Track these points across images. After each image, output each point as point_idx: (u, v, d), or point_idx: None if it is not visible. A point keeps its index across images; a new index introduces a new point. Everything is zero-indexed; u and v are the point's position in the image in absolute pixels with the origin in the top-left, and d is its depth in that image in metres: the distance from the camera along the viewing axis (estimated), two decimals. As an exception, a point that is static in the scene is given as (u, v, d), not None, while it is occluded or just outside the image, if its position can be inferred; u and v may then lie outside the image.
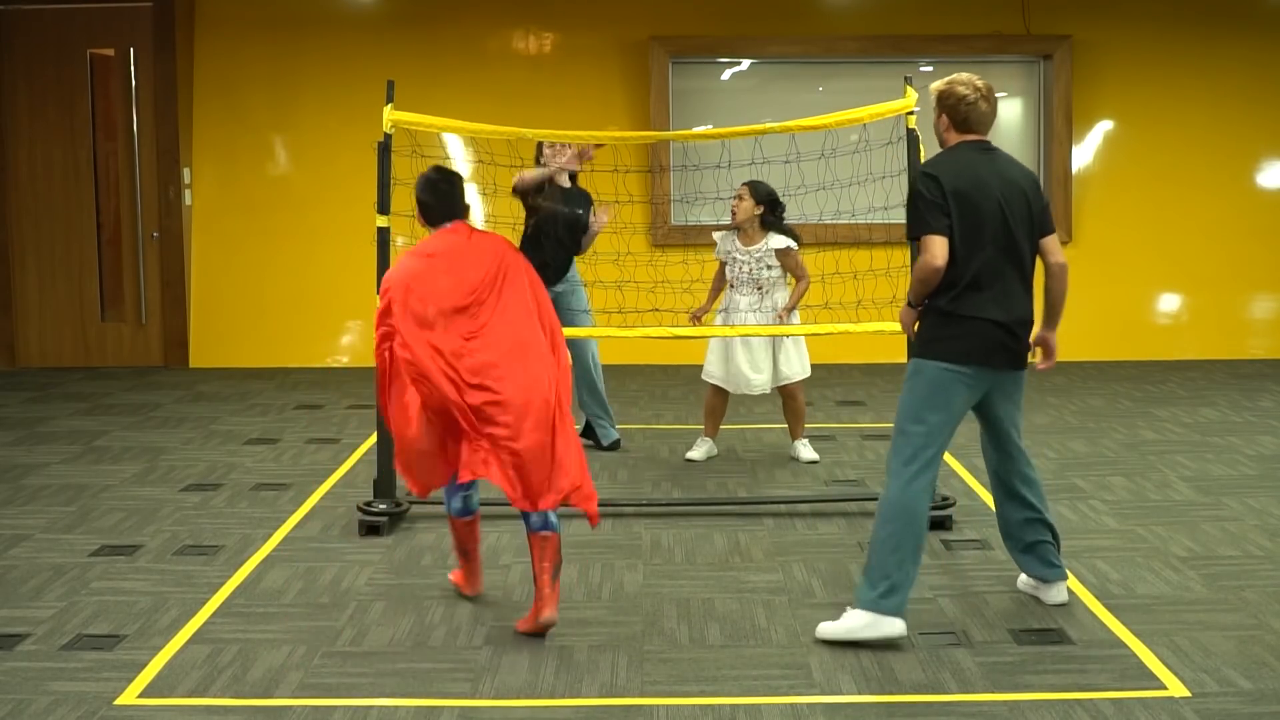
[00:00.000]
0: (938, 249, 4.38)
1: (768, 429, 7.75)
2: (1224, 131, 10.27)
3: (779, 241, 6.73)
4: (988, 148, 4.58)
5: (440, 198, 4.71)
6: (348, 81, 9.98)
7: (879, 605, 4.37)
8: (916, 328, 4.59)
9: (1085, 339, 10.30)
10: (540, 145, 6.88)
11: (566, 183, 6.93)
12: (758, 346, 6.78)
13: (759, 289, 6.77)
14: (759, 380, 6.81)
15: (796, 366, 6.87)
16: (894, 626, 4.37)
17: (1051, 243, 4.63)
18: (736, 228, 6.79)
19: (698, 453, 7.05)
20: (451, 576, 5.04)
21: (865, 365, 9.90)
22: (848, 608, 4.47)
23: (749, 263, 6.75)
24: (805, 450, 6.99)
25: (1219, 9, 10.19)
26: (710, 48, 10.26)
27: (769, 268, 6.75)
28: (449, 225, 4.69)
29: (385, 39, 10.10)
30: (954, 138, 4.57)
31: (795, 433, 7.05)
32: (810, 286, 6.76)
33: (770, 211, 6.74)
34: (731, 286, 6.83)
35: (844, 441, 7.50)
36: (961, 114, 4.53)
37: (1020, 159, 11.04)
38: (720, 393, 6.98)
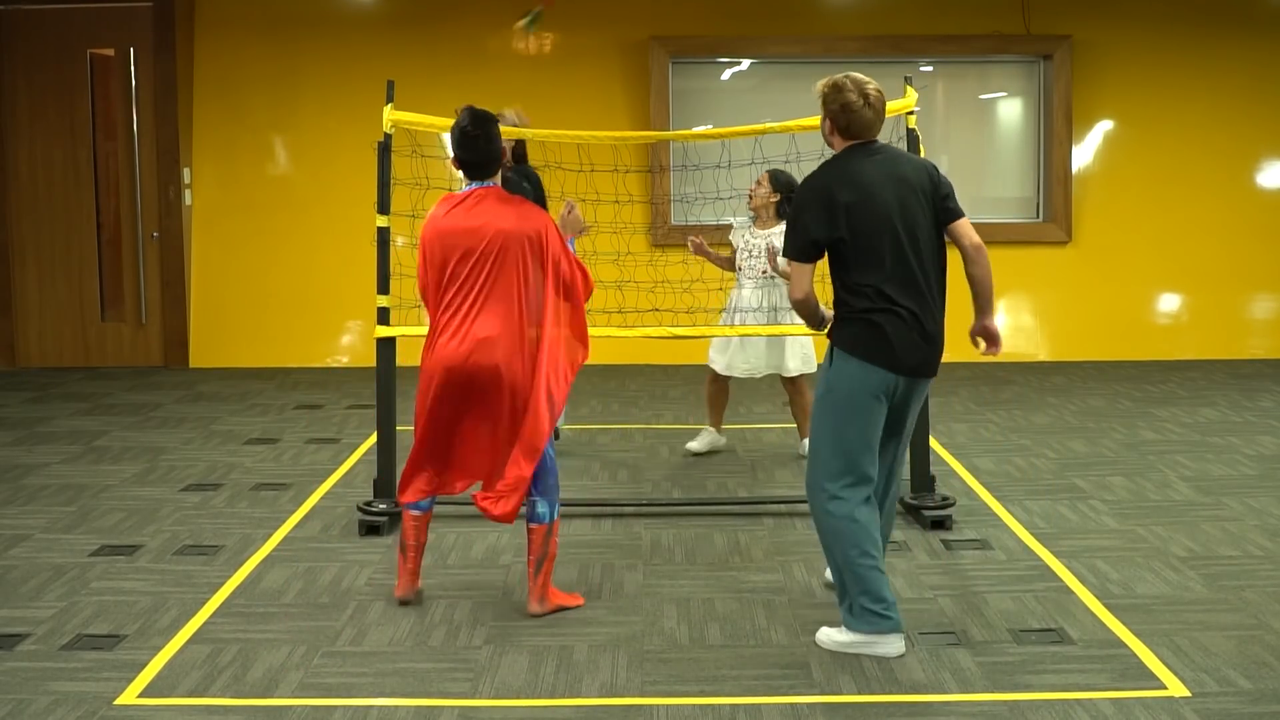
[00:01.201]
0: (801, 279, 4.31)
1: (768, 429, 7.75)
2: (1224, 131, 10.27)
3: None
4: (875, 149, 4.39)
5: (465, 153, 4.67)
6: (348, 81, 9.98)
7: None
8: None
9: (1085, 339, 10.31)
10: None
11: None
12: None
13: (770, 276, 6.70)
14: (746, 366, 6.78)
15: (798, 360, 6.84)
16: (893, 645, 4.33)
17: (961, 227, 4.39)
18: (754, 216, 6.81)
19: (698, 443, 7.03)
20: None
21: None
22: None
23: (762, 247, 6.72)
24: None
25: (1219, 9, 10.19)
26: (710, 48, 10.26)
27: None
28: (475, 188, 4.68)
29: (385, 39, 10.10)
30: (839, 143, 4.40)
31: (804, 430, 7.01)
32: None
33: (787, 201, 6.70)
34: (739, 283, 6.81)
35: (844, 441, 7.49)
36: (844, 122, 4.34)
37: (1020, 159, 11.17)
38: (718, 381, 6.98)
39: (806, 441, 7.01)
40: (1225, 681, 4.11)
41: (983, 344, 4.50)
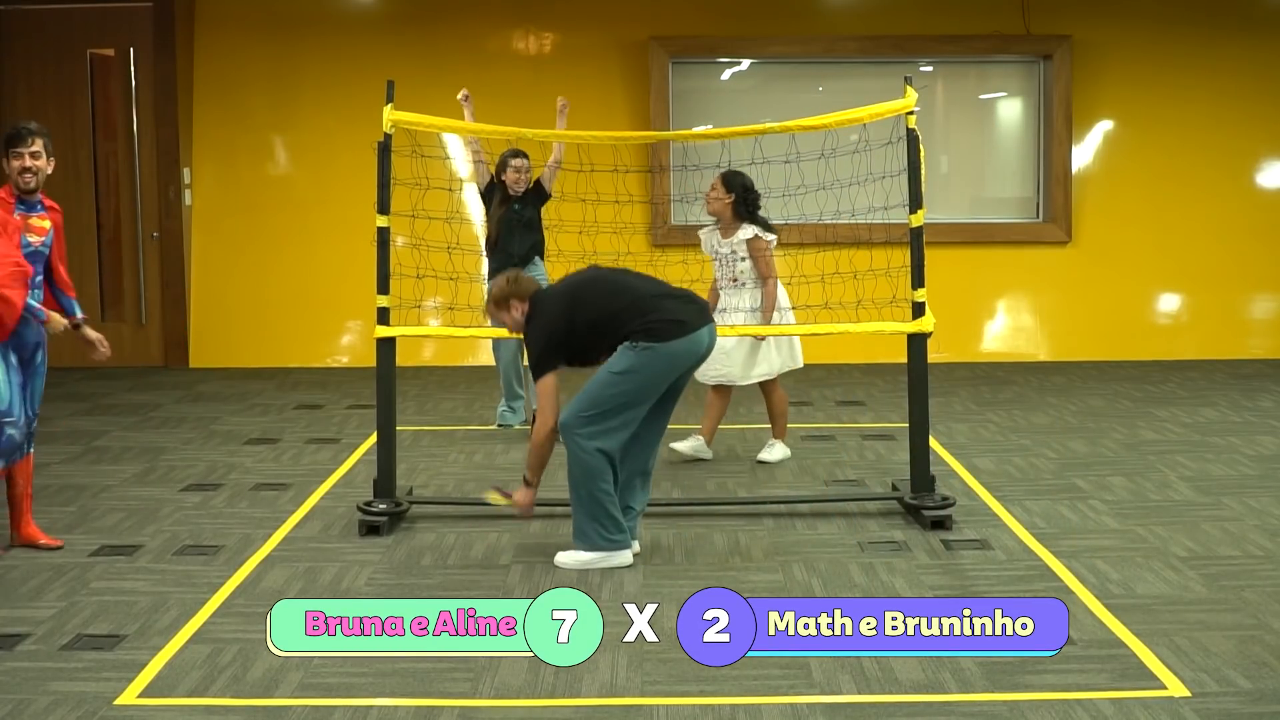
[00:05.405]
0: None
1: (768, 429, 7.74)
2: (1224, 131, 10.28)
3: (747, 231, 6.60)
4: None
5: None
6: (348, 81, 9.98)
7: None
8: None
9: (1085, 339, 10.31)
10: (503, 159, 7.27)
11: (519, 190, 7.36)
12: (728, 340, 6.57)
13: (734, 281, 6.65)
14: (714, 372, 6.59)
15: (777, 360, 6.70)
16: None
17: None
18: (717, 221, 6.72)
19: (685, 445, 6.92)
20: None
21: (865, 365, 9.89)
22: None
23: (728, 256, 6.67)
24: (771, 451, 6.92)
25: (1219, 9, 10.20)
26: (710, 48, 10.26)
27: (743, 259, 6.63)
28: None
29: (385, 39, 10.10)
30: None
31: (777, 431, 7.00)
32: (778, 289, 6.63)
33: (743, 201, 6.61)
34: (720, 285, 6.76)
35: (844, 441, 7.50)
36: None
37: (1020, 159, 11.21)
38: (719, 389, 6.89)
39: (779, 444, 6.98)
40: (1225, 681, 4.11)
41: None
